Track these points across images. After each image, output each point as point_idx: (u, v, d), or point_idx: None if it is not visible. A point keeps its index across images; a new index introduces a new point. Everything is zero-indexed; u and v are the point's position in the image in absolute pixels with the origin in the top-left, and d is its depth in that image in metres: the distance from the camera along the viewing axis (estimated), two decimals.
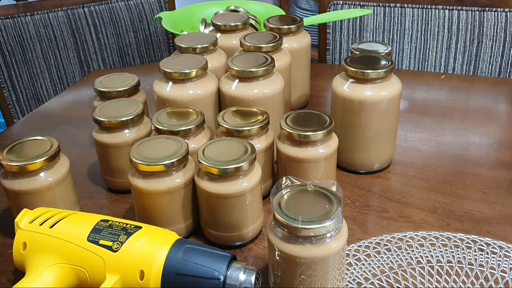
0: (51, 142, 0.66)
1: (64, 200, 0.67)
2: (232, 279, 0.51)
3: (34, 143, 0.66)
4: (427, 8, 1.27)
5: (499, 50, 1.24)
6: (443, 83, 1.09)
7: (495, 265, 0.61)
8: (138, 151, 0.62)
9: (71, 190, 0.68)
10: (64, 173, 0.66)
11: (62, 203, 0.66)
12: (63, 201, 0.66)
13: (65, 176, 0.66)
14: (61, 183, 0.66)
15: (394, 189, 0.75)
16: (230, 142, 0.64)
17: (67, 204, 0.67)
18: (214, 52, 0.84)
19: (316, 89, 1.06)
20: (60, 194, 0.66)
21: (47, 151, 0.64)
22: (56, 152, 0.65)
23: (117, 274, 0.51)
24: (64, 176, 0.66)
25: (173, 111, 0.71)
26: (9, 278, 0.62)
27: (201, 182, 0.61)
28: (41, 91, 1.36)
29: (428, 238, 0.65)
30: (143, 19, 1.42)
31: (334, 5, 1.33)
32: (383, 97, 0.72)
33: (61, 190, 0.66)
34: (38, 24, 1.31)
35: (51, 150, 0.64)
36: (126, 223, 0.55)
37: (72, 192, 0.69)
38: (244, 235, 0.64)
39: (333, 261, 0.51)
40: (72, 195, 0.69)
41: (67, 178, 0.67)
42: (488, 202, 0.71)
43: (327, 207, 0.51)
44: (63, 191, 0.66)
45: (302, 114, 0.70)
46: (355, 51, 0.83)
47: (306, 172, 0.68)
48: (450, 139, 0.87)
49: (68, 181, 0.67)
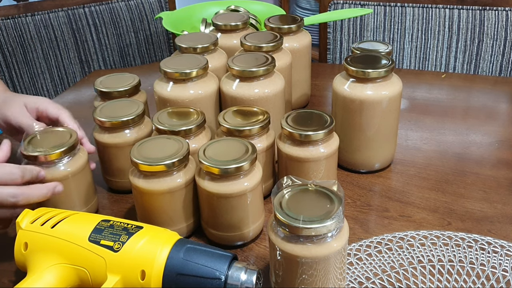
0: (70, 133, 0.68)
1: (80, 191, 0.68)
2: (233, 279, 0.51)
3: (54, 133, 0.68)
4: (428, 7, 1.27)
5: (500, 49, 1.24)
6: (444, 82, 1.09)
7: (496, 264, 0.60)
8: (139, 151, 0.62)
9: (88, 181, 0.69)
10: (82, 163, 0.67)
11: (79, 194, 0.68)
12: (79, 192, 0.68)
13: (83, 167, 0.67)
14: (79, 174, 0.67)
15: (395, 188, 0.75)
16: (231, 142, 0.64)
17: (83, 195, 0.68)
18: (214, 52, 0.84)
19: (316, 89, 1.06)
20: (77, 185, 0.67)
21: (67, 142, 0.66)
22: (75, 143, 0.66)
23: (118, 274, 0.51)
24: (82, 167, 0.67)
25: (174, 111, 0.71)
26: (11, 279, 0.62)
27: (202, 182, 0.61)
28: (42, 91, 1.36)
29: (429, 237, 0.65)
30: (143, 19, 1.42)
31: (335, 4, 1.33)
32: (383, 97, 0.72)
33: (78, 181, 0.67)
34: (39, 24, 1.31)
35: (70, 141, 0.66)
36: (127, 223, 0.55)
37: (89, 183, 0.70)
38: (245, 235, 0.64)
39: (334, 261, 0.51)
40: (90, 186, 0.70)
41: (85, 169, 0.68)
42: (489, 201, 0.71)
43: (328, 206, 0.51)
44: (80, 182, 0.67)
45: (303, 114, 0.70)
46: (356, 50, 0.83)
47: (307, 171, 0.68)
48: (451, 138, 0.87)
49: (86, 172, 0.68)
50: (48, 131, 0.69)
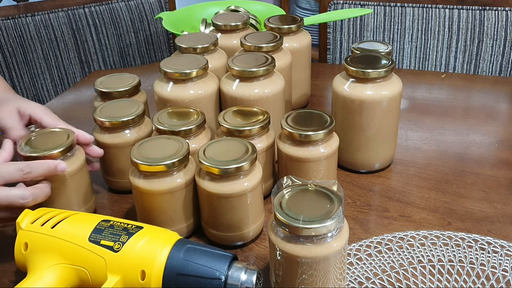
0: (67, 133, 0.67)
1: (79, 191, 0.68)
2: (233, 279, 0.51)
3: (51, 134, 0.68)
4: (428, 7, 1.27)
5: (500, 49, 1.24)
6: (444, 82, 1.09)
7: (496, 264, 0.60)
8: (139, 151, 0.62)
9: (86, 181, 0.69)
10: (80, 164, 0.67)
11: (77, 194, 0.68)
12: (78, 192, 0.68)
13: (81, 167, 0.67)
14: (77, 174, 0.67)
15: (395, 188, 0.75)
16: (231, 142, 0.64)
17: (82, 195, 0.68)
18: (214, 52, 0.84)
19: (316, 89, 1.06)
20: (75, 185, 0.67)
21: (64, 142, 0.65)
22: (72, 143, 0.66)
23: (118, 274, 0.51)
24: (80, 167, 0.67)
25: (174, 111, 0.71)
26: (11, 279, 0.62)
27: (202, 182, 0.61)
28: (42, 91, 1.36)
29: (429, 237, 0.65)
30: (143, 20, 1.42)
31: (335, 4, 1.33)
32: (383, 97, 0.72)
33: (77, 181, 0.67)
34: (39, 24, 1.31)
35: (68, 141, 0.66)
36: (127, 223, 0.55)
37: (87, 184, 0.70)
38: (245, 235, 0.64)
39: (334, 261, 0.51)
40: (88, 186, 0.70)
41: (83, 169, 0.68)
42: (489, 201, 0.71)
43: (328, 206, 0.51)
44: (78, 182, 0.67)
45: (303, 114, 0.70)
46: (356, 50, 0.83)
47: (307, 171, 0.68)
48: (451, 138, 0.87)
49: (84, 172, 0.68)
50: (45, 132, 0.68)
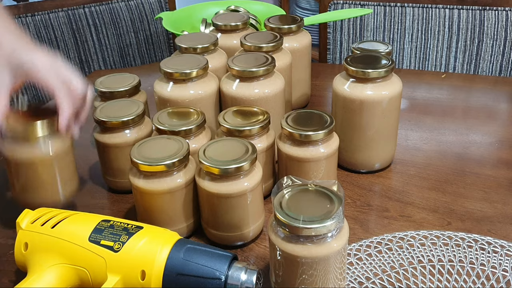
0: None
1: (63, 172, 0.66)
2: (233, 279, 0.51)
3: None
4: (428, 7, 1.27)
5: (500, 49, 1.24)
6: (444, 82, 1.09)
7: (496, 264, 0.60)
8: (139, 151, 0.62)
9: (70, 164, 0.67)
10: (65, 146, 0.65)
11: (61, 175, 0.66)
12: (62, 173, 0.66)
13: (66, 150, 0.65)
14: (60, 156, 0.65)
15: (395, 188, 0.75)
16: (231, 142, 0.64)
17: (66, 176, 0.66)
18: (214, 52, 0.84)
19: (316, 89, 1.06)
20: (60, 166, 0.65)
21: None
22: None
23: (118, 274, 0.52)
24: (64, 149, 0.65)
25: (174, 111, 0.71)
26: (11, 279, 0.62)
27: (202, 182, 0.61)
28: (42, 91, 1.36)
29: (429, 237, 0.65)
30: (143, 19, 1.42)
31: (335, 4, 1.33)
32: (383, 97, 0.72)
33: (60, 163, 0.65)
34: (39, 24, 1.31)
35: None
36: (127, 223, 0.55)
37: (71, 166, 0.67)
38: (245, 235, 0.64)
39: (334, 261, 0.51)
40: (71, 169, 0.67)
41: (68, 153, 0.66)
42: (489, 201, 0.71)
43: (328, 206, 0.51)
44: (62, 163, 0.65)
45: (303, 114, 0.70)
46: (356, 50, 0.83)
47: (307, 171, 0.68)
48: (451, 138, 0.87)
49: (68, 155, 0.66)
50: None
